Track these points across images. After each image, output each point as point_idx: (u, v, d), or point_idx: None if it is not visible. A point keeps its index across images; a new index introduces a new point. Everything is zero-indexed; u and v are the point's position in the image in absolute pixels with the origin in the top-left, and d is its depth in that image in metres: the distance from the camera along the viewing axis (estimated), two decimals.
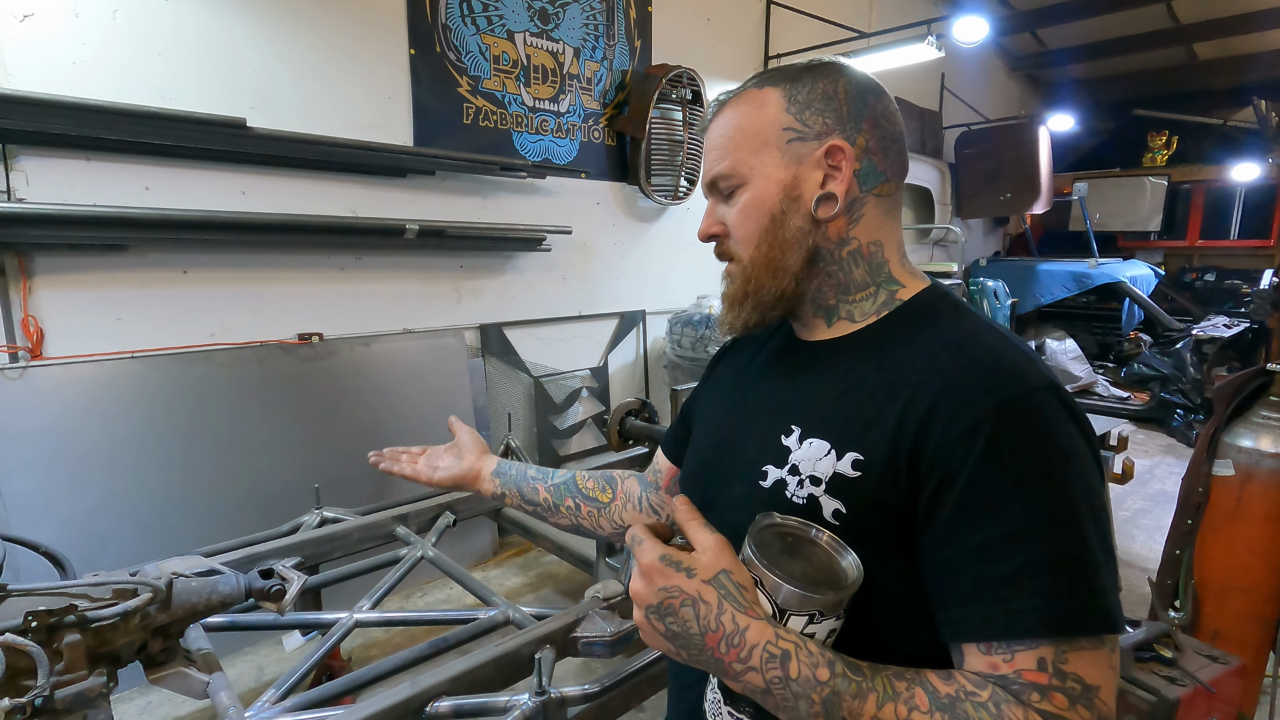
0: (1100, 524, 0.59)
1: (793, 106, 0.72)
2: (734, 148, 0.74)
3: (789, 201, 0.72)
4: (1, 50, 2.06)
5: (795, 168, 0.72)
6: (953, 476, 0.59)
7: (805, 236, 0.72)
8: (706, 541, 0.63)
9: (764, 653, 0.58)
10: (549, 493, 1.08)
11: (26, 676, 1.05)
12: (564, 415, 3.76)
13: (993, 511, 0.58)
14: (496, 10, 3.26)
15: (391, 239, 2.92)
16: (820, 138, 0.71)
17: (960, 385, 0.62)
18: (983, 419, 0.59)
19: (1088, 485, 0.60)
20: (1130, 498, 4.21)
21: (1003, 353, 0.64)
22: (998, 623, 0.57)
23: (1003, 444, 0.59)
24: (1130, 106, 8.44)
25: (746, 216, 0.74)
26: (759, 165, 0.73)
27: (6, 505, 2.10)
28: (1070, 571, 0.57)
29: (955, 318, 0.70)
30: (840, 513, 0.65)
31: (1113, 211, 7.93)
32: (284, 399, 2.68)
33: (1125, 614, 1.89)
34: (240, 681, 2.38)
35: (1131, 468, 2.77)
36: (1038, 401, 0.61)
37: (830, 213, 0.71)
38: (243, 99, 2.53)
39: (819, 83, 0.72)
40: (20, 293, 2.17)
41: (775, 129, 0.72)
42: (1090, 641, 0.56)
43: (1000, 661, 0.57)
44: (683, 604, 0.61)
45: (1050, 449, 0.59)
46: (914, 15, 5.62)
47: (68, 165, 2.21)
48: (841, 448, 0.66)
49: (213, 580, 1.34)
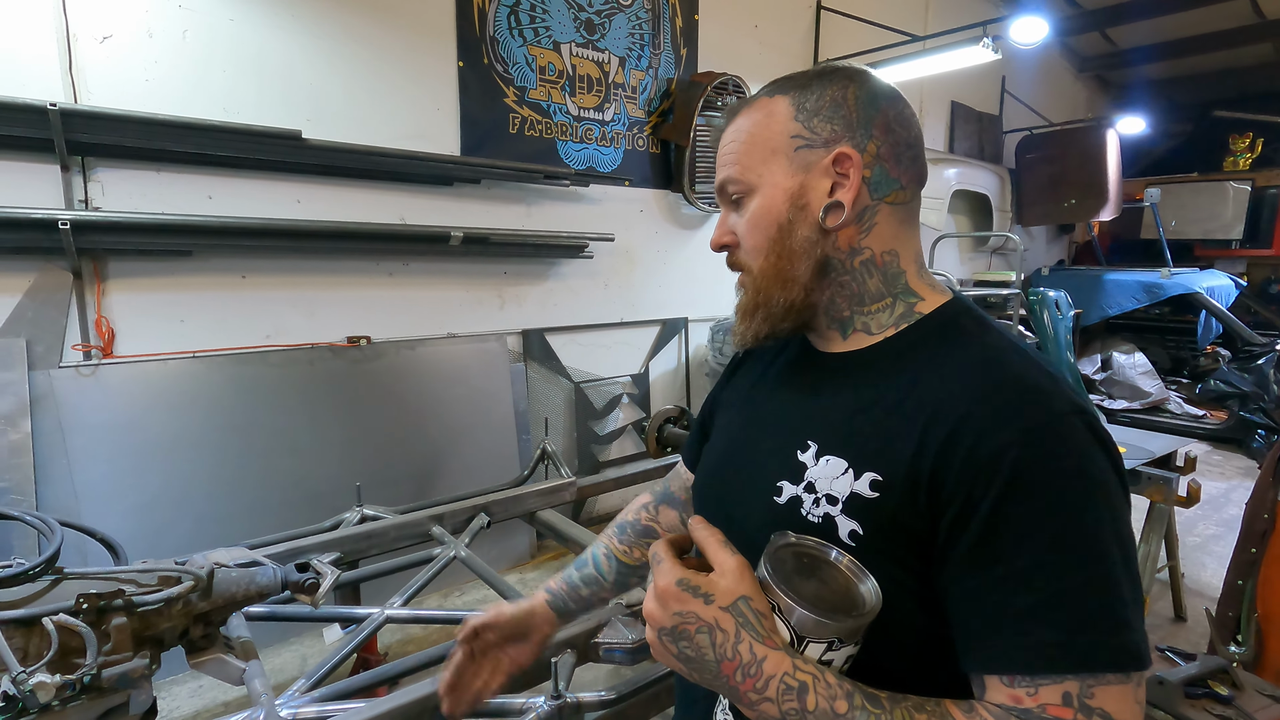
0: (1127, 556, 0.58)
1: (801, 114, 0.71)
2: (743, 155, 0.73)
3: (796, 210, 0.70)
4: (82, 70, 2.22)
5: (803, 176, 0.70)
6: (976, 503, 0.58)
7: (814, 246, 0.70)
8: (727, 564, 0.61)
9: (781, 684, 0.57)
10: (611, 590, 1.05)
11: (76, 655, 1.11)
12: (604, 421, 3.78)
13: (1017, 541, 0.56)
14: (543, 22, 3.32)
15: (438, 246, 3.01)
16: (828, 145, 0.69)
17: (985, 408, 0.60)
18: (1009, 444, 0.57)
19: (1114, 516, 0.58)
20: (1202, 523, 3.96)
21: (1029, 375, 0.62)
22: (1022, 655, 0.55)
23: (1029, 471, 0.57)
24: (1210, 107, 7.98)
25: (755, 226, 0.73)
26: (767, 174, 0.71)
27: (78, 493, 2.25)
28: (1097, 604, 0.55)
29: (980, 335, 0.68)
30: (857, 534, 0.63)
31: (1190, 218, 7.50)
32: (332, 399, 2.78)
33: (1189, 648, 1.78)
34: (285, 670, 2.48)
35: (1198, 490, 2.61)
36: (1065, 427, 0.59)
37: (838, 221, 0.69)
38: (299, 112, 2.65)
39: (828, 89, 0.71)
40: (95, 295, 2.32)
41: (783, 137, 0.71)
42: (1117, 677, 0.54)
43: (1024, 695, 0.55)
44: (698, 630, 0.60)
45: (1077, 477, 0.57)
46: (974, 17, 5.47)
47: (139, 176, 2.36)
48: (859, 467, 0.64)
49: (252, 571, 1.40)
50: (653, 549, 0.66)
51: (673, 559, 0.64)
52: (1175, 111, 8.42)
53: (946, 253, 6.37)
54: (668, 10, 3.82)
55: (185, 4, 2.38)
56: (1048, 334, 5.72)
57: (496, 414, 3.28)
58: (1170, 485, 2.58)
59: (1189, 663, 1.54)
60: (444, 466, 3.08)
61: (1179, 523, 3.22)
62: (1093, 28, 7.12)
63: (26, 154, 2.16)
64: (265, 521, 2.47)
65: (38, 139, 2.11)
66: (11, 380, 2.17)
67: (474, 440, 3.18)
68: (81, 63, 2.22)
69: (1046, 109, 7.35)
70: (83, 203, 2.26)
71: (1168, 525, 2.76)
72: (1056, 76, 7.88)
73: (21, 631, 1.08)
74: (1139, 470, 2.64)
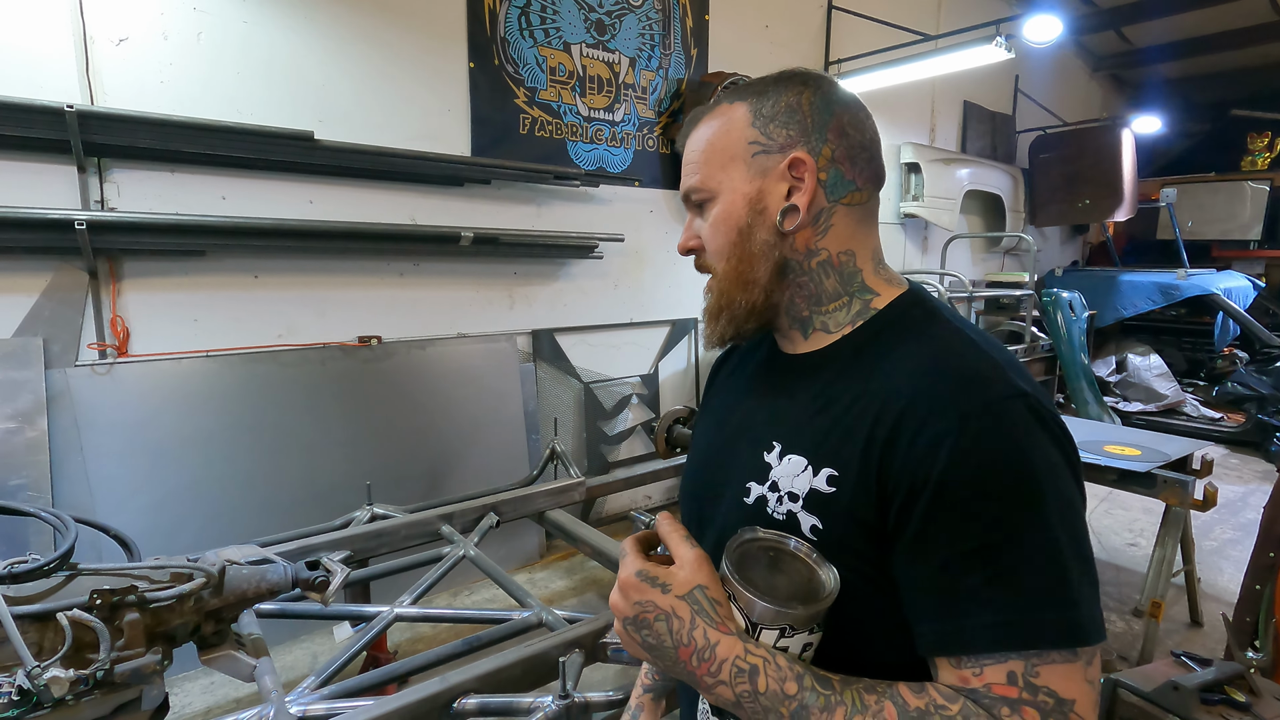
0: (1075, 535, 0.58)
1: (758, 120, 0.72)
2: (704, 162, 0.75)
3: (755, 214, 0.72)
4: (99, 72, 2.25)
5: (760, 180, 0.72)
6: (918, 490, 0.59)
7: (772, 249, 0.72)
8: (685, 556, 0.65)
9: (733, 667, 0.59)
10: None
11: (90, 650, 1.13)
12: (613, 421, 3.78)
13: (958, 525, 0.58)
14: (554, 23, 3.33)
15: (448, 246, 3.02)
16: (784, 150, 0.71)
17: (925, 397, 0.61)
18: (946, 431, 0.59)
19: (1059, 494, 0.58)
20: (1219, 526, 3.91)
21: (970, 360, 0.64)
22: (965, 636, 0.57)
23: (966, 457, 0.58)
24: (1227, 107, 7.88)
25: (716, 230, 0.75)
26: (726, 179, 0.73)
27: (93, 490, 2.27)
28: (1039, 583, 0.56)
29: (926, 325, 0.69)
30: (817, 528, 0.65)
31: (1207, 219, 7.40)
32: (343, 398, 2.80)
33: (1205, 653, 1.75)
34: (295, 667, 2.50)
35: (1215, 494, 2.57)
36: (1002, 410, 0.59)
37: (794, 224, 0.71)
38: (311, 113, 2.67)
39: (784, 95, 0.72)
40: (110, 295, 2.35)
41: (741, 143, 0.73)
42: (1063, 654, 0.55)
43: (970, 675, 0.57)
44: (656, 618, 0.63)
45: (1015, 460, 0.58)
46: (986, 16, 5.42)
47: (154, 177, 2.38)
48: (818, 464, 0.67)
49: (263, 569, 1.41)
50: (621, 544, 0.70)
51: (636, 553, 0.68)
52: (1192, 110, 8.32)
53: (958, 253, 6.33)
54: (678, 11, 3.82)
55: (200, 6, 2.41)
56: (1061, 335, 5.67)
57: (506, 414, 3.29)
58: (1186, 489, 2.55)
59: (1205, 668, 1.52)
60: (454, 466, 3.09)
61: (1195, 527, 3.18)
62: (1108, 26, 7.05)
63: (44, 155, 2.19)
64: (276, 519, 2.49)
65: (55, 140, 2.14)
66: (29, 378, 2.19)
67: (483, 440, 3.19)
68: (98, 65, 2.25)
69: (1060, 108, 7.28)
70: (99, 203, 2.29)
71: (1184, 529, 2.72)
72: (1071, 75, 7.81)
73: (36, 626, 1.09)
74: (1155, 473, 2.61)
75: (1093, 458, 2.76)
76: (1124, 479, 2.71)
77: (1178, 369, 6.49)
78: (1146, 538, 3.71)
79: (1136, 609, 2.93)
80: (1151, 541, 2.88)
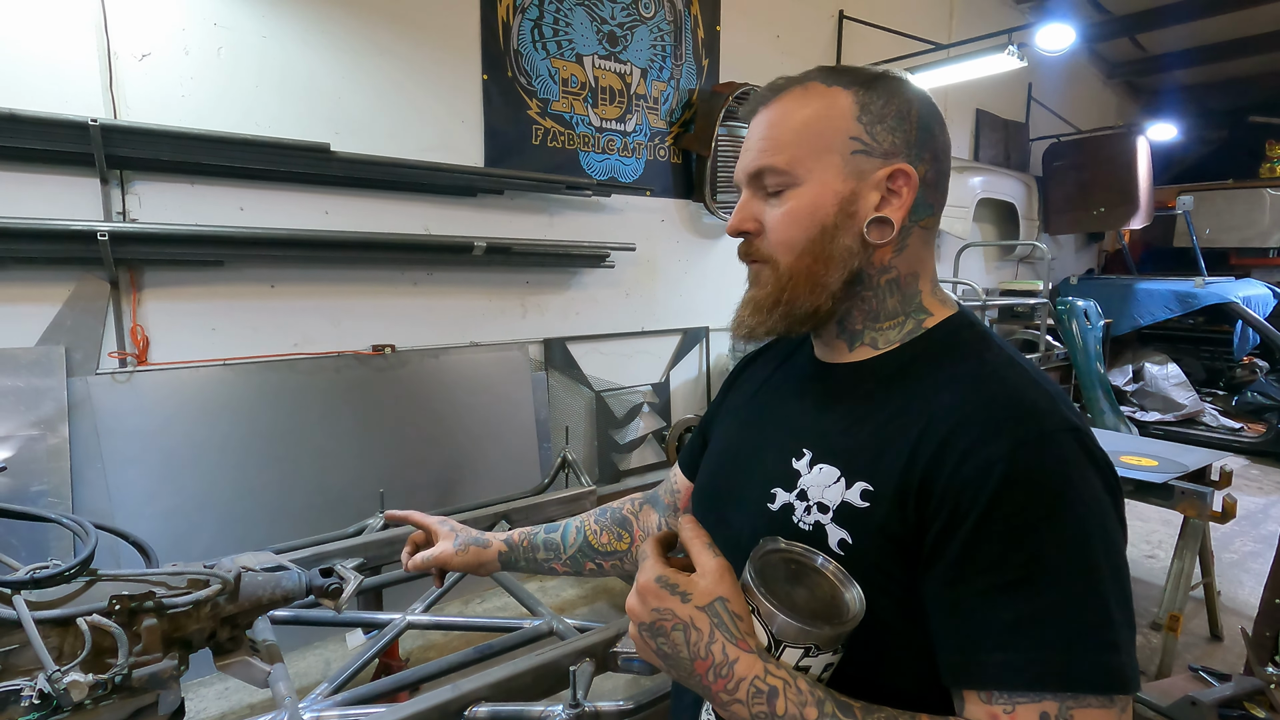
0: (1118, 577, 0.57)
1: (865, 116, 0.67)
2: (793, 143, 0.68)
3: (844, 216, 0.68)
4: (122, 86, 2.30)
5: (855, 182, 0.67)
6: (962, 516, 0.57)
7: (851, 257, 0.69)
8: (708, 565, 0.63)
9: (751, 687, 0.57)
10: (566, 566, 1.09)
11: (109, 655, 1.14)
12: (624, 430, 3.79)
13: (1001, 555, 0.56)
14: (566, 35, 3.36)
15: (461, 256, 3.04)
16: (886, 158, 0.67)
17: (975, 422, 0.60)
18: (996, 458, 0.57)
19: (1104, 535, 0.57)
20: (1239, 539, 3.85)
21: (1023, 390, 0.62)
22: (1000, 671, 0.55)
23: (1015, 486, 0.56)
24: (1245, 113, 7.79)
25: (793, 221, 0.69)
26: (818, 169, 0.68)
27: (112, 496, 2.31)
28: (1080, 623, 0.54)
29: (979, 349, 0.68)
30: (846, 543, 0.63)
31: (1225, 226, 7.31)
32: (357, 407, 2.83)
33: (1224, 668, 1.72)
34: (308, 674, 2.51)
35: (1234, 506, 2.54)
36: (1055, 444, 0.58)
37: (882, 238, 0.68)
38: (327, 125, 2.71)
39: (894, 99, 0.68)
40: (131, 304, 2.39)
41: (842, 135, 0.67)
42: (1099, 700, 0.53)
43: (1000, 712, 0.54)
44: (674, 628, 0.61)
45: (1065, 494, 0.56)
46: (999, 24, 5.41)
47: (174, 189, 2.43)
48: (851, 476, 0.65)
49: (277, 576, 1.43)
50: (641, 546, 0.67)
51: (657, 556, 0.65)
52: (1208, 117, 8.24)
53: (972, 262, 6.29)
54: (689, 22, 3.85)
55: (221, 22, 2.46)
56: (1076, 344, 5.61)
57: (518, 422, 3.30)
58: (1205, 500, 2.52)
59: (1224, 683, 1.50)
60: (466, 474, 3.10)
61: (1215, 539, 3.13)
62: (1122, 33, 7.00)
63: (68, 168, 2.23)
64: (291, 526, 2.51)
65: (79, 153, 2.18)
66: (51, 386, 2.23)
67: (495, 448, 3.20)
68: (121, 79, 2.30)
69: (1074, 116, 7.24)
70: (120, 214, 2.34)
71: (1202, 541, 2.68)
72: (1085, 83, 7.77)
73: (57, 631, 1.11)
74: (1172, 485, 2.58)
75: None
76: (1141, 490, 2.67)
77: (1196, 378, 6.41)
78: (1165, 549, 3.66)
79: (1154, 622, 2.89)
80: (1169, 553, 2.83)
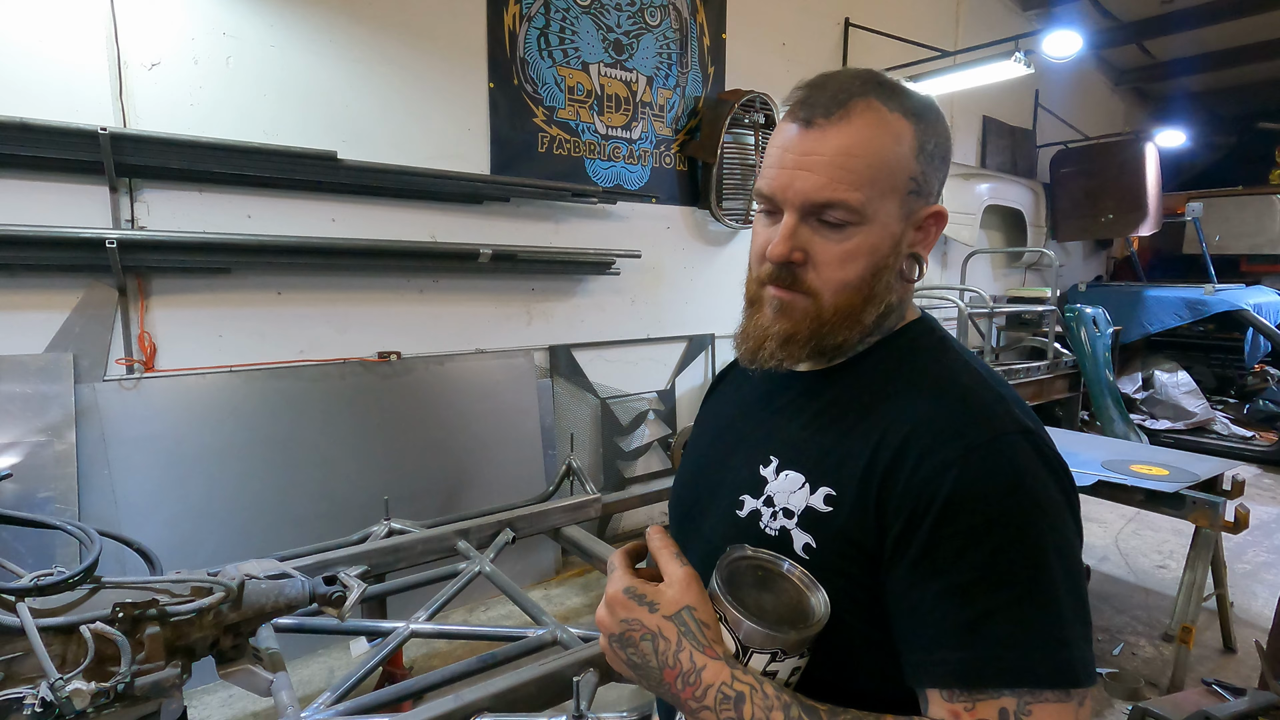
0: (1071, 574, 0.58)
1: (922, 155, 0.67)
2: (869, 180, 0.64)
3: (895, 256, 0.68)
4: (132, 95, 2.32)
5: (904, 223, 0.68)
6: (919, 520, 0.59)
7: (889, 293, 0.69)
8: (674, 574, 0.64)
9: (719, 693, 0.58)
10: None
11: (111, 663, 1.14)
12: (630, 437, 3.78)
13: (956, 557, 0.57)
14: (572, 43, 3.38)
15: (467, 263, 3.05)
16: (927, 199, 0.68)
17: (930, 427, 0.61)
18: (949, 463, 0.59)
19: (1057, 533, 0.58)
20: (1252, 549, 3.80)
21: (977, 395, 0.64)
22: (958, 670, 0.56)
23: (968, 488, 0.58)
24: (1254, 119, 7.76)
25: (852, 260, 0.66)
26: (883, 209, 0.66)
27: (118, 502, 2.31)
28: (1034, 621, 0.55)
29: (938, 354, 0.70)
30: (810, 547, 0.65)
31: (1235, 233, 7.26)
32: (363, 414, 2.83)
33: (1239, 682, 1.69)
34: (312, 682, 2.51)
35: (1247, 516, 2.51)
36: (1007, 446, 0.60)
37: (913, 275, 0.70)
38: (335, 133, 2.73)
39: (941, 137, 0.68)
40: (139, 311, 2.40)
41: (905, 175, 0.66)
42: (1056, 694, 0.54)
43: (961, 710, 0.56)
44: (642, 638, 0.62)
45: (1018, 495, 0.58)
46: (1005, 31, 5.41)
47: (183, 196, 2.44)
48: (815, 482, 0.66)
49: (281, 583, 1.42)
50: (610, 558, 0.68)
51: (625, 568, 0.66)
52: (1217, 124, 8.21)
53: (979, 269, 6.27)
54: (695, 30, 3.86)
55: (229, 31, 2.48)
56: (1085, 351, 5.58)
57: (523, 429, 3.30)
58: (1217, 510, 2.48)
59: (1239, 697, 1.47)
60: (470, 481, 3.10)
61: (1227, 549, 3.09)
62: (1130, 40, 7.00)
63: (78, 176, 2.25)
64: (295, 533, 2.51)
65: (89, 162, 2.20)
66: (59, 393, 2.25)
67: (500, 455, 3.20)
68: (131, 88, 2.32)
69: (1082, 122, 7.22)
70: (129, 222, 2.35)
71: (1215, 552, 2.65)
72: (1092, 89, 7.75)
73: (60, 638, 1.11)
74: (1184, 494, 2.55)
75: (1119, 477, 2.71)
76: (1151, 499, 2.64)
77: (1206, 386, 6.36)
78: (1176, 560, 3.61)
79: (1166, 634, 2.86)
80: (1181, 564, 2.80)
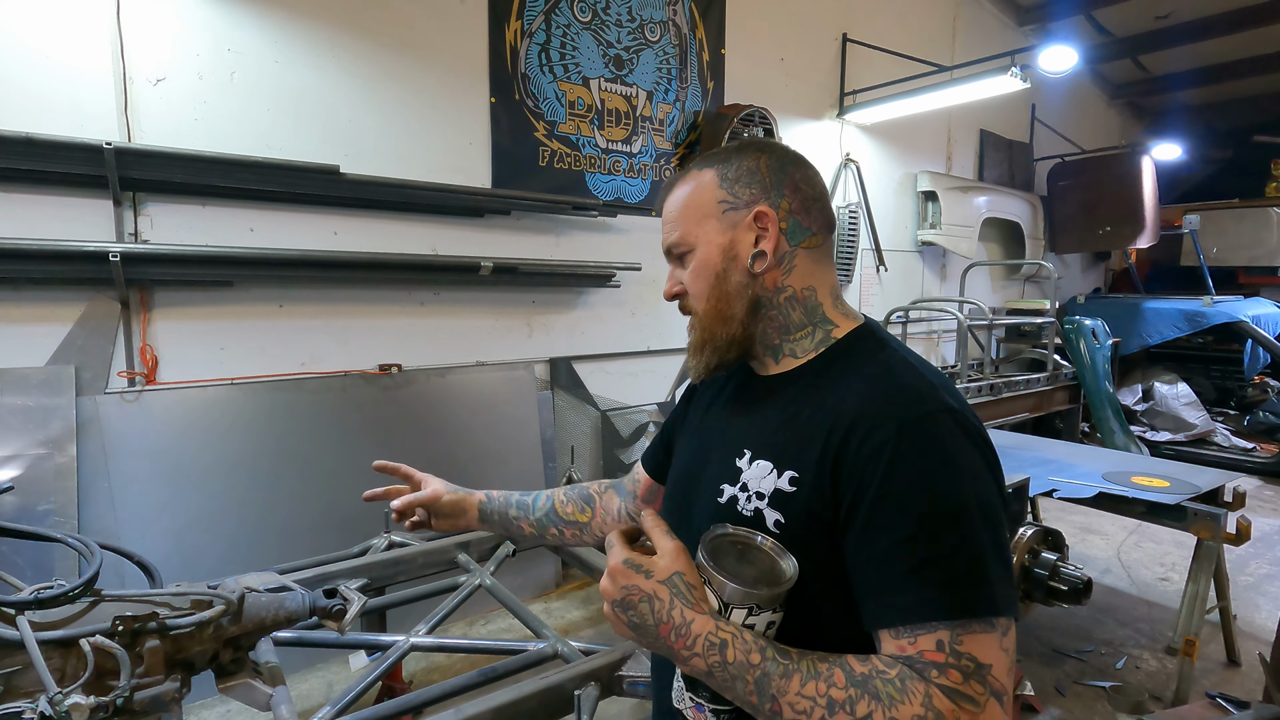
0: (991, 523, 0.69)
1: (724, 183, 0.87)
2: (682, 220, 0.89)
3: (729, 260, 0.86)
4: (137, 110, 2.34)
5: (731, 232, 0.86)
6: (864, 489, 0.71)
7: (745, 288, 0.86)
8: (665, 547, 0.77)
9: (705, 641, 0.70)
10: (532, 527, 1.24)
11: (111, 677, 1.13)
12: (630, 449, 3.77)
13: (895, 517, 0.69)
14: (573, 58, 3.41)
15: (468, 275, 3.06)
16: (749, 205, 0.85)
17: (870, 411, 0.73)
18: (886, 439, 0.71)
19: (978, 490, 0.70)
20: (1254, 561, 3.79)
21: (909, 382, 0.76)
22: (901, 611, 0.67)
23: (902, 460, 0.70)
24: (1249, 133, 7.82)
25: (697, 276, 0.88)
26: (702, 233, 0.87)
27: (118, 515, 2.31)
28: (961, 565, 0.67)
29: (876, 352, 0.82)
30: (780, 522, 0.77)
31: (1232, 245, 7.30)
32: (363, 426, 2.83)
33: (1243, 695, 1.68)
34: (311, 696, 2.49)
35: (1248, 528, 2.50)
36: (933, 423, 0.72)
37: (764, 266, 0.85)
38: (337, 147, 2.75)
39: (744, 160, 0.87)
40: (141, 324, 2.41)
41: (712, 202, 0.87)
42: (981, 624, 0.65)
43: (906, 644, 0.67)
44: (640, 600, 0.74)
45: (944, 462, 0.70)
46: (1001, 46, 5.46)
47: (186, 210, 2.46)
48: (781, 467, 0.78)
49: (281, 596, 1.42)
50: (608, 537, 0.81)
51: (623, 543, 0.79)
52: (1213, 137, 8.27)
53: (978, 281, 6.29)
54: (695, 45, 3.90)
55: (234, 47, 2.50)
56: (1084, 363, 5.58)
57: (523, 441, 3.30)
58: (1218, 522, 2.48)
59: (1243, 711, 1.46)
60: None
61: (1229, 561, 3.08)
62: (1125, 55, 7.07)
63: (82, 190, 2.27)
64: (296, 546, 2.50)
65: (93, 176, 2.22)
66: (60, 405, 2.25)
67: (501, 467, 3.20)
68: (136, 104, 2.34)
69: (1078, 136, 7.28)
70: (132, 235, 2.36)
71: (1217, 564, 2.64)
72: (1088, 103, 7.82)
73: (60, 652, 1.11)
74: (1185, 506, 2.54)
75: (1120, 489, 2.70)
76: (1153, 511, 2.64)
77: (1207, 398, 6.36)
78: (1179, 572, 3.60)
79: (1169, 647, 2.84)
80: (1184, 576, 2.79)
